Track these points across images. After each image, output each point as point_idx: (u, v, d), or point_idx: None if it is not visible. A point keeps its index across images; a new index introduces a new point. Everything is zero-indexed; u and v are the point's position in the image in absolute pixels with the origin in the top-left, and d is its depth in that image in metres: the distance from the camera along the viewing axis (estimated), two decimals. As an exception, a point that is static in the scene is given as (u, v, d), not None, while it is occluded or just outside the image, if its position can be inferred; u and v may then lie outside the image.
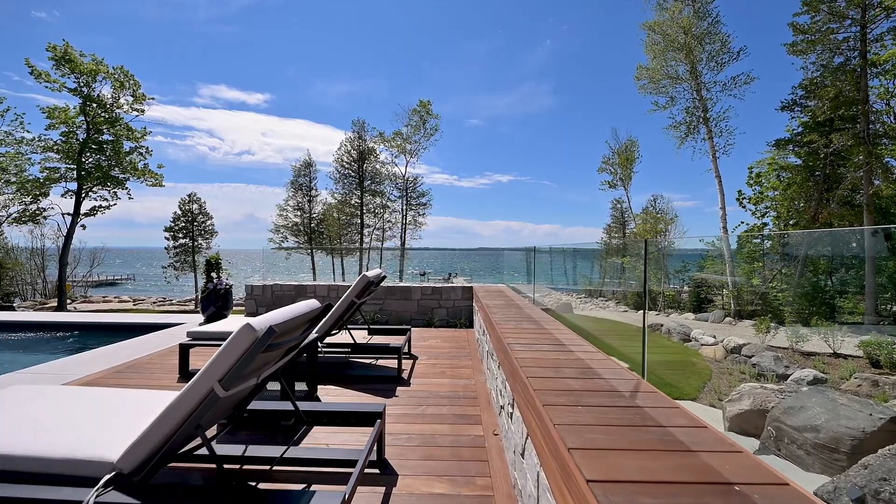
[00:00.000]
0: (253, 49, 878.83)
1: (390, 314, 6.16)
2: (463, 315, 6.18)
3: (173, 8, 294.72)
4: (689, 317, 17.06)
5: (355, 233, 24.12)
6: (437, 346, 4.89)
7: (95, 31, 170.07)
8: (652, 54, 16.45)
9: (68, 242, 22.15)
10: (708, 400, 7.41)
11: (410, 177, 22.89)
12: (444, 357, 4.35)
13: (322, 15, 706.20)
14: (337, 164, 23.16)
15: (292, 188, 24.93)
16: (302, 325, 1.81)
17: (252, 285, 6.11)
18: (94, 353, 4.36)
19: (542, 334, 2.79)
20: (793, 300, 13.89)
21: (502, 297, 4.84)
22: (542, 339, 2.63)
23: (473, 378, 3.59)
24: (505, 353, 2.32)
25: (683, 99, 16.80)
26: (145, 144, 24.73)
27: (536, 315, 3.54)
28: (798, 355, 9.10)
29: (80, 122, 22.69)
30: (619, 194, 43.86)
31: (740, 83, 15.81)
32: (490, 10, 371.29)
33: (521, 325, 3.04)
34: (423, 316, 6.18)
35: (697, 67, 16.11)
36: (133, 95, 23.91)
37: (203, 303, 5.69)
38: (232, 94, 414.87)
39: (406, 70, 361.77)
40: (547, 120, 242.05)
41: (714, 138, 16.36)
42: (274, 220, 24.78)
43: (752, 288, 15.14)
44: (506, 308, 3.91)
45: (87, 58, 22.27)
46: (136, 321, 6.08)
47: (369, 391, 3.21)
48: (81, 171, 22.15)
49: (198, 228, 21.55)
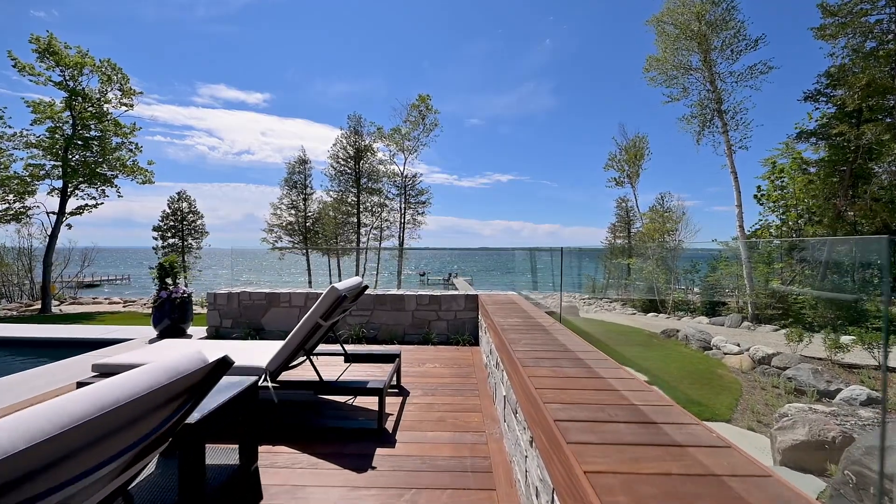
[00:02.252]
0: (252, 49, 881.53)
1: (379, 328, 5.24)
2: (466, 329, 5.26)
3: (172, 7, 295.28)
4: (703, 320, 16.14)
5: (352, 232, 23.21)
6: (434, 373, 3.98)
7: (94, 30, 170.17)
8: (662, 45, 15.51)
9: (53, 242, 21.29)
10: (745, 422, 6.49)
11: (409, 174, 21.98)
12: (445, 391, 3.45)
13: (321, 14, 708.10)
14: (332, 160, 22.25)
15: (286, 186, 24.03)
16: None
17: (215, 293, 5.19)
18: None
19: (604, 391, 1.71)
20: (816, 304, 12.96)
21: (517, 312, 3.83)
22: (606, 399, 1.66)
23: (484, 429, 2.67)
24: (551, 440, 1.35)
25: (696, 90, 15.91)
26: (135, 140, 24.01)
27: (575, 345, 2.44)
28: (838, 368, 8.17)
29: (66, 118, 21.88)
30: (624, 192, 42.95)
31: (758, 73, 14.88)
32: (490, 9, 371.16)
33: (561, 366, 2.00)
34: (418, 330, 5.26)
35: (711, 56, 15.19)
36: (121, 90, 23.07)
37: (155, 314, 4.82)
38: (231, 94, 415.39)
39: (406, 69, 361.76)
40: (547, 119, 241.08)
41: (729, 132, 15.42)
42: (268, 218, 23.91)
43: (770, 290, 14.22)
44: (528, 332, 2.81)
45: (73, 50, 21.42)
46: (64, 336, 5.07)
47: (334, 458, 2.31)
48: (67, 168, 21.30)
49: (188, 228, 20.67)
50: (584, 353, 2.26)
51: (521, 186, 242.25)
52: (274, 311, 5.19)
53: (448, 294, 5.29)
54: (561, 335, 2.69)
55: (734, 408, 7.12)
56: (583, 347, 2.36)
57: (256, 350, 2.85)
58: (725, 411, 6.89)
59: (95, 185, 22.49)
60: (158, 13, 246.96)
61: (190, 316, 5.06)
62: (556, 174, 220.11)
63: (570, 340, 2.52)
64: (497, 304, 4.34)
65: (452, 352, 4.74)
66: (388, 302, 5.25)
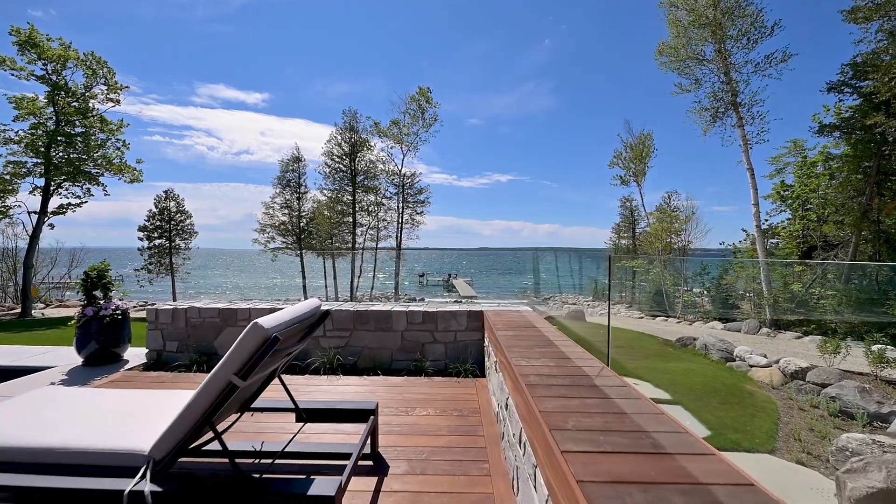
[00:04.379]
0: (251, 48, 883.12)
1: (361, 352, 4.30)
2: (469, 354, 4.31)
3: (172, 7, 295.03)
4: (717, 326, 15.24)
5: (347, 232, 22.29)
6: (426, 425, 2.98)
7: (93, 30, 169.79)
8: (675, 30, 14.61)
9: (34, 243, 20.37)
10: (791, 453, 5.59)
11: (407, 173, 21.07)
12: (440, 464, 2.46)
13: (321, 14, 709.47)
14: (326, 157, 21.32)
15: (280, 185, 23.10)
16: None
17: (157, 309, 4.26)
18: None
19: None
20: (841, 308, 12.08)
21: (541, 344, 2.72)
22: None
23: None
24: None
25: (709, 81, 15.02)
26: (122, 137, 23.12)
27: (663, 424, 1.42)
28: (886, 385, 7.28)
29: (49, 114, 21.01)
30: (628, 192, 41.97)
31: (776, 61, 13.98)
32: (489, 9, 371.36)
33: (650, 476, 1.08)
34: (409, 355, 4.31)
35: (726, 46, 14.30)
36: (107, 84, 22.17)
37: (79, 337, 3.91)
38: (230, 94, 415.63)
39: (405, 69, 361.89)
40: (546, 119, 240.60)
41: (745, 126, 14.54)
42: (260, 218, 22.98)
43: (790, 294, 13.33)
44: (568, 391, 1.78)
45: (55, 43, 20.53)
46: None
47: None
48: (50, 165, 20.40)
49: (175, 228, 19.78)
50: (673, 436, 1.35)
51: (520, 186, 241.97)
52: (230, 332, 4.27)
53: (446, 311, 4.34)
54: (625, 400, 1.70)
55: (774, 434, 6.22)
56: (672, 427, 1.41)
57: (158, 410, 1.92)
58: (766, 439, 5.99)
59: (80, 184, 21.60)
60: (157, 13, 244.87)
61: (126, 336, 4.17)
62: (555, 174, 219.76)
63: (644, 410, 1.57)
64: (510, 329, 3.36)
65: (451, 387, 3.83)
66: (371, 320, 4.30)
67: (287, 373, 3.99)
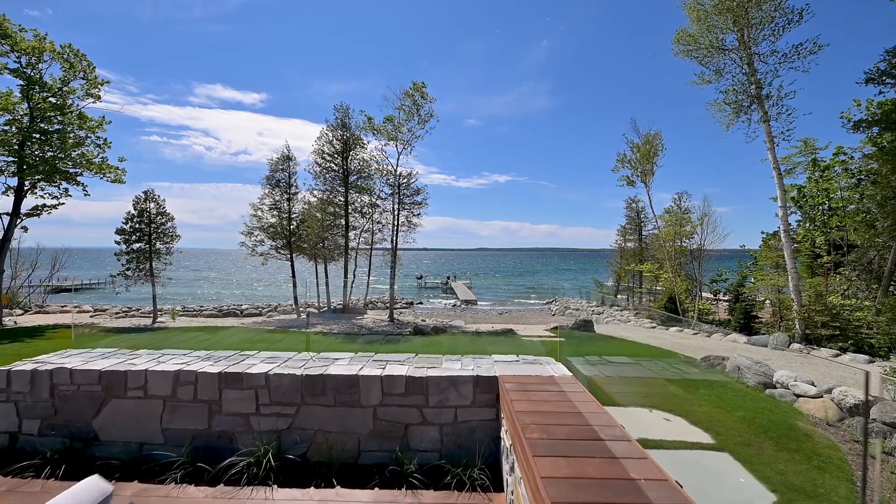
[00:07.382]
0: (249, 48, 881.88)
1: (312, 439, 2.92)
2: (476, 443, 2.90)
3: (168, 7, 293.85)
4: (740, 340, 13.96)
5: (339, 235, 21.01)
6: None
7: (90, 30, 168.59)
8: (695, 16, 13.37)
9: (6, 246, 19.12)
10: (890, 535, 4.30)
11: (403, 172, 19.81)
12: None
13: (319, 14, 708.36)
14: (317, 156, 20.04)
15: (268, 185, 21.83)
16: None
17: (10, 371, 2.93)
18: None
19: None
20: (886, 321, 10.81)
21: (581, 430, 1.51)
22: None
23: None
24: None
25: (731, 73, 13.80)
26: (103, 135, 21.89)
27: None
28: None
29: (24, 110, 19.77)
30: (634, 192, 40.65)
31: (805, 52, 12.77)
32: (488, 9, 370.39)
33: None
34: (385, 444, 2.93)
35: (750, 33, 13.08)
36: (86, 79, 20.91)
37: None
38: (227, 94, 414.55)
39: (404, 69, 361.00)
40: (545, 120, 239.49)
41: (770, 122, 13.32)
42: (247, 220, 21.70)
43: (822, 307, 12.06)
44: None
45: (29, 34, 19.27)
46: None
47: None
48: (23, 164, 19.16)
49: (155, 231, 18.50)
50: None
51: (519, 187, 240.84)
52: (116, 406, 2.95)
53: (441, 375, 2.99)
54: None
55: (855, 500, 4.94)
56: None
57: None
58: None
59: (56, 183, 20.37)
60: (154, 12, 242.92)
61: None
62: (554, 175, 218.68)
63: None
64: (540, 415, 2.06)
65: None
66: (328, 390, 2.90)
67: (191, 482, 2.65)
